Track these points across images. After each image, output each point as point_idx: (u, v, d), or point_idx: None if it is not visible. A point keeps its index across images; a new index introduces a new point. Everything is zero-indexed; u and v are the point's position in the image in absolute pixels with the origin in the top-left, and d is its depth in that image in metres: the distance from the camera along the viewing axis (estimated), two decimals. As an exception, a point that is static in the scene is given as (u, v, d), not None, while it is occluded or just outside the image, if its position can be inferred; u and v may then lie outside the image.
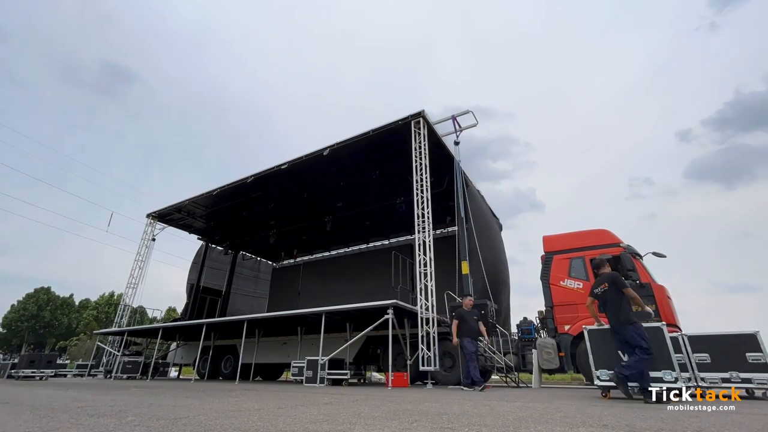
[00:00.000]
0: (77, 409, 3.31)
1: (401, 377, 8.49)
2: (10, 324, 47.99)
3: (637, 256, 8.45)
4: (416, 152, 10.65)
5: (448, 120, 11.79)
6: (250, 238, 20.18)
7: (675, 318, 7.75)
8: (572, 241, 9.25)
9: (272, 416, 2.85)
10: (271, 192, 15.54)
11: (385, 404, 3.92)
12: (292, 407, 3.56)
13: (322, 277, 19.93)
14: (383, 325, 8.39)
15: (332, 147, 11.96)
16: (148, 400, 4.30)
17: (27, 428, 2.24)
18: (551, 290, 8.90)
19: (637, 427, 2.37)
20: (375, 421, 2.63)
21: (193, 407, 3.47)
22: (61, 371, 16.74)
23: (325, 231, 17.72)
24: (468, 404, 3.97)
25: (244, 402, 4.12)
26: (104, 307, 48.69)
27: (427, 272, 9.50)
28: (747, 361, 4.85)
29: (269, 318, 11.17)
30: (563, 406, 3.84)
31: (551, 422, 2.60)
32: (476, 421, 2.62)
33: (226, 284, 19.98)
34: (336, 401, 4.28)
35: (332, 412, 3.13)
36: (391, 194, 14.96)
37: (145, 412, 3.08)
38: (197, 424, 2.39)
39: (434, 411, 3.27)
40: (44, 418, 2.72)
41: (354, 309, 8.89)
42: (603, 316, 5.09)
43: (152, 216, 17.82)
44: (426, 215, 10.00)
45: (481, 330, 7.45)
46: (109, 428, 2.25)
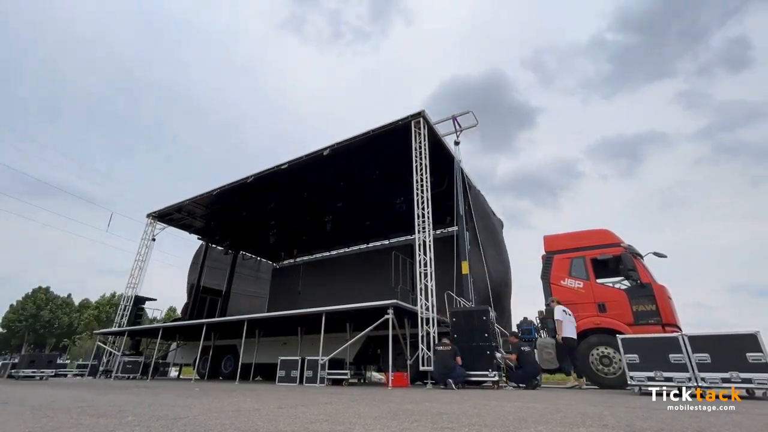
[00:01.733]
0: (77, 409, 3.31)
1: (401, 377, 8.49)
2: (9, 324, 48.01)
3: (637, 256, 8.45)
4: (416, 152, 10.65)
5: (448, 120, 11.79)
6: (250, 238, 20.17)
7: (675, 318, 7.75)
8: (573, 240, 9.26)
9: (272, 416, 2.85)
10: (271, 192, 15.54)
11: (385, 404, 3.92)
12: (292, 407, 3.56)
13: (322, 277, 19.93)
14: (383, 325, 8.39)
15: (332, 147, 11.95)
16: (148, 400, 4.30)
17: (27, 428, 2.24)
18: (551, 290, 8.90)
19: (637, 427, 2.36)
20: (375, 421, 2.63)
21: (193, 407, 3.47)
22: (62, 371, 16.75)
23: (325, 231, 17.70)
24: (468, 404, 3.96)
25: (244, 402, 4.11)
26: (105, 307, 48.68)
27: (427, 272, 9.50)
28: (747, 361, 4.85)
29: (269, 318, 11.17)
30: (563, 406, 3.83)
31: (551, 422, 2.60)
32: (476, 421, 2.62)
33: (226, 284, 19.97)
34: (336, 401, 4.28)
35: (332, 412, 3.13)
36: (391, 194, 14.95)
37: (145, 412, 3.08)
38: (197, 424, 2.39)
39: (434, 411, 3.27)
40: (44, 418, 2.72)
41: (354, 309, 8.89)
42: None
43: (152, 216, 17.82)
44: (426, 215, 10.00)
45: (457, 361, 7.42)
46: (109, 428, 2.25)
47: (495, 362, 7.50)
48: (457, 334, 8.05)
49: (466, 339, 7.88)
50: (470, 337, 7.88)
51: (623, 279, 8.54)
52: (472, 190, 11.85)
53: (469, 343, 7.79)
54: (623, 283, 8.50)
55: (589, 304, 8.30)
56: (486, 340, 7.70)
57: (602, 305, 8.14)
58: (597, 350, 7.81)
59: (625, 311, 7.83)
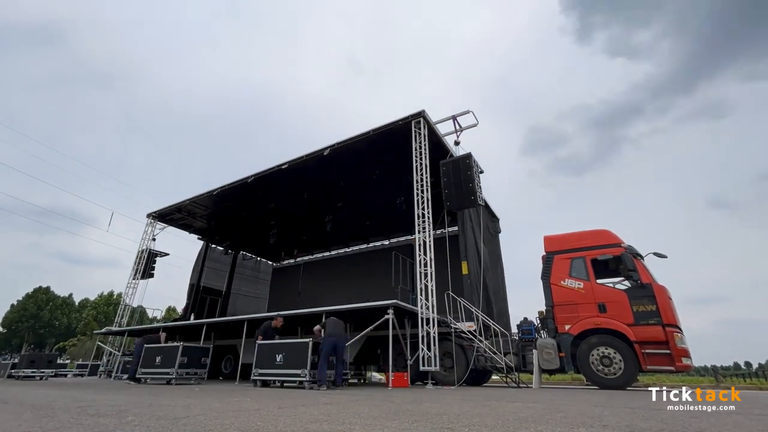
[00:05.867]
0: (77, 409, 3.31)
1: (401, 377, 8.49)
2: (10, 324, 48.01)
3: (638, 256, 8.45)
4: (416, 152, 10.64)
5: (448, 120, 11.78)
6: (251, 238, 20.16)
7: (675, 318, 7.75)
8: (573, 241, 9.25)
9: (272, 416, 2.85)
10: (271, 192, 15.53)
11: (385, 404, 3.91)
12: (292, 407, 3.56)
13: (323, 277, 19.91)
14: (383, 325, 8.38)
15: (332, 147, 11.95)
16: (148, 400, 4.30)
17: (27, 428, 2.24)
18: (552, 290, 8.89)
19: (638, 428, 2.36)
20: (375, 421, 2.63)
21: (193, 407, 3.47)
22: (62, 371, 16.75)
23: (325, 231, 17.69)
24: (468, 404, 3.96)
25: (244, 402, 4.11)
26: (103, 306, 48.63)
27: (427, 272, 9.50)
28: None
29: (269, 318, 11.16)
30: (563, 406, 3.83)
31: (551, 422, 2.60)
32: (476, 422, 2.62)
33: (226, 284, 19.96)
34: (336, 401, 4.28)
35: (332, 412, 3.13)
36: (391, 194, 14.95)
37: (145, 412, 3.08)
38: (197, 424, 2.39)
39: (434, 411, 3.27)
40: (44, 418, 2.72)
41: (354, 309, 8.88)
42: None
43: (152, 216, 17.81)
44: (426, 215, 10.00)
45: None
46: (109, 428, 2.24)
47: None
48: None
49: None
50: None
51: (623, 279, 8.54)
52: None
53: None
54: (624, 283, 8.50)
55: (589, 304, 8.30)
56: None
57: (602, 306, 8.14)
58: (597, 350, 7.80)
59: (626, 312, 7.83)
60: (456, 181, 10.00)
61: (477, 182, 9.97)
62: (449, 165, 10.35)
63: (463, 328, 9.31)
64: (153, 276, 17.00)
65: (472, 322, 9.45)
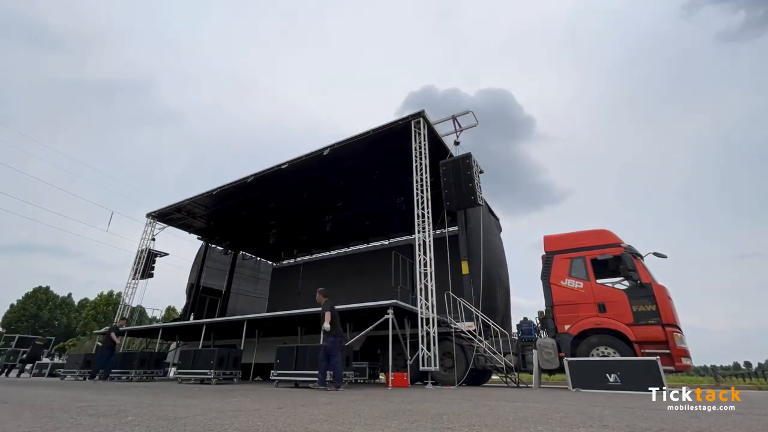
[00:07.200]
0: (77, 409, 3.31)
1: (401, 377, 8.49)
2: (9, 324, 47.97)
3: (637, 256, 8.46)
4: (416, 152, 10.65)
5: (448, 120, 11.78)
6: (250, 238, 20.15)
7: (675, 318, 7.75)
8: (573, 241, 9.26)
9: (272, 416, 2.85)
10: (271, 192, 15.52)
11: (385, 404, 3.91)
12: (292, 407, 3.55)
13: (322, 277, 19.87)
14: (383, 325, 8.38)
15: (332, 147, 11.95)
16: (147, 400, 4.29)
17: (27, 428, 2.23)
18: (552, 290, 8.90)
19: (638, 428, 2.36)
20: (375, 421, 2.63)
21: (193, 407, 3.47)
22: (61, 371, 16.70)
23: (325, 231, 17.69)
24: (468, 404, 3.96)
25: (244, 402, 4.11)
26: (102, 306, 48.58)
27: (427, 272, 9.50)
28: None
29: (269, 318, 11.16)
30: (563, 406, 3.83)
31: (551, 422, 2.60)
32: (476, 422, 2.62)
33: (226, 284, 19.95)
34: (336, 401, 4.27)
35: (332, 412, 3.13)
36: (391, 194, 14.94)
37: (145, 412, 3.08)
38: (197, 424, 2.39)
39: (434, 411, 3.27)
40: (44, 418, 2.72)
41: (354, 309, 8.88)
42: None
43: (152, 216, 17.80)
44: (426, 215, 10.00)
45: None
46: (109, 428, 2.24)
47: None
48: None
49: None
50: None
51: (623, 279, 8.54)
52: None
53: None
54: (623, 283, 8.51)
55: (589, 304, 8.30)
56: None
57: (602, 305, 8.14)
58: (597, 350, 7.81)
59: (625, 311, 7.83)
60: (456, 180, 10.03)
61: (477, 182, 10.00)
62: (449, 165, 10.38)
63: (462, 328, 9.32)
64: (153, 276, 17.00)
65: (472, 322, 9.45)
